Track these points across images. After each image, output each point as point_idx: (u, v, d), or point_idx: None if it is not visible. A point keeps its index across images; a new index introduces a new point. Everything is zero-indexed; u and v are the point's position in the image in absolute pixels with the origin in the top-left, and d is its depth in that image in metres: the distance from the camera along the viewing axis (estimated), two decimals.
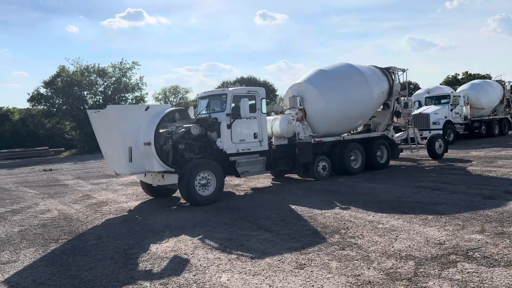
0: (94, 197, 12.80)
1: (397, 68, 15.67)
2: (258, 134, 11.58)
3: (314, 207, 8.79)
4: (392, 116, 15.63)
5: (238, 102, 11.31)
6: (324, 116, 13.15)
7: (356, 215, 7.80)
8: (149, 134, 9.56)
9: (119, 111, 9.51)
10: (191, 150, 10.70)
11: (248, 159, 11.39)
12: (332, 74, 13.68)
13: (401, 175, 12.98)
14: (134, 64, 50.23)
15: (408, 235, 6.37)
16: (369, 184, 11.42)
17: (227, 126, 11.03)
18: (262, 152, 11.81)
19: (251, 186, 12.82)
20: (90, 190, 14.51)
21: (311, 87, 13.30)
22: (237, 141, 11.22)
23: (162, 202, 11.01)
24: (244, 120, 11.27)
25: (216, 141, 10.94)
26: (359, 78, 13.93)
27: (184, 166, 10.02)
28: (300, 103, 13.29)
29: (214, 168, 10.30)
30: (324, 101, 13.06)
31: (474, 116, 26.11)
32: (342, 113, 13.37)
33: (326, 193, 10.36)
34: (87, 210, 10.60)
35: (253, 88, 11.61)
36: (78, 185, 16.30)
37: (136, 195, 12.53)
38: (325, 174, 12.96)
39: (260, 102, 11.61)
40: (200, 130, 10.74)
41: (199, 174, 10.04)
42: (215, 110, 11.69)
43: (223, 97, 11.36)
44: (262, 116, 11.67)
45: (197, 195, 9.93)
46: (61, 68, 48.20)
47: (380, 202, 8.84)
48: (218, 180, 10.30)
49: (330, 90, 13.21)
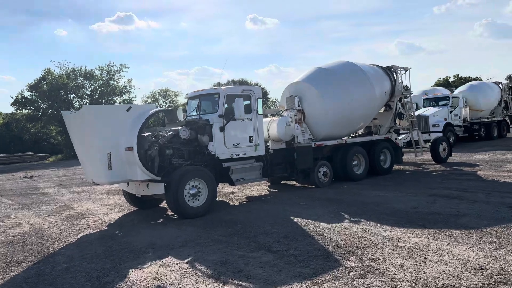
0: (73, 208, 11.59)
1: (399, 67, 14.73)
2: (254, 137, 10.49)
3: (320, 220, 7.72)
4: (395, 118, 14.68)
5: (231, 102, 10.24)
6: (325, 118, 12.13)
7: (370, 230, 6.75)
8: (132, 138, 8.42)
9: (97, 111, 8.33)
10: (179, 155, 9.58)
11: (243, 165, 10.29)
12: (333, 72, 12.68)
13: (408, 181, 11.98)
14: (122, 66, 48.91)
15: (438, 256, 5.33)
16: (377, 191, 10.39)
17: (220, 129, 9.93)
18: (258, 158, 10.73)
19: (246, 194, 11.73)
20: (69, 200, 13.29)
21: (310, 86, 12.27)
22: (231, 145, 10.13)
23: (147, 214, 9.86)
24: (239, 122, 10.19)
25: (207, 146, 9.84)
26: (361, 77, 12.95)
27: (171, 174, 8.89)
28: (299, 104, 12.25)
29: (205, 175, 9.19)
30: (325, 101, 12.04)
31: (473, 119, 25.33)
32: (343, 115, 12.35)
33: (331, 203, 9.30)
34: (62, 224, 9.41)
35: (248, 86, 10.54)
36: (57, 194, 15.05)
37: (119, 206, 11.35)
38: (326, 181, 11.92)
39: (256, 102, 10.54)
40: (190, 133, 9.64)
41: (189, 183, 8.92)
42: (206, 111, 10.59)
43: (215, 96, 10.27)
44: (258, 117, 10.60)
45: (187, 207, 8.80)
46: (47, 71, 46.69)
47: (395, 214, 7.80)
48: (210, 189, 9.19)
49: (330, 90, 12.19)
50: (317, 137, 12.35)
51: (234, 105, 9.74)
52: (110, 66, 48.58)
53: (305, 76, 12.70)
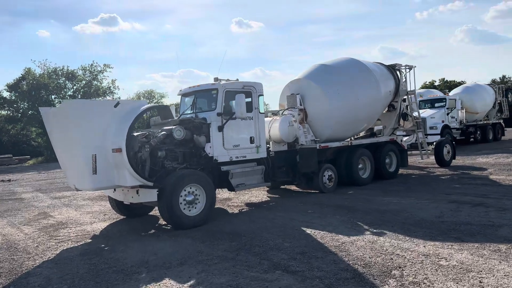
0: (52, 216, 10.43)
1: (404, 65, 13.98)
2: (255, 138, 9.53)
3: (336, 231, 6.80)
4: (399, 119, 13.89)
5: (231, 99, 9.28)
6: (329, 118, 11.24)
7: (400, 245, 5.84)
8: (120, 138, 7.37)
9: (80, 107, 7.25)
10: (173, 158, 8.56)
11: (243, 169, 9.32)
12: (337, 69, 11.81)
13: (418, 185, 11.17)
14: (106, 66, 47.49)
15: (495, 279, 4.44)
16: (389, 198, 9.53)
17: (218, 128, 8.95)
18: (259, 160, 9.77)
19: (244, 200, 10.74)
20: (48, 207, 12.10)
21: (313, 84, 11.37)
22: (230, 147, 9.14)
23: (136, 224, 8.79)
24: (239, 121, 9.23)
25: (204, 147, 8.84)
26: (366, 75, 12.12)
27: (165, 179, 7.87)
28: (301, 103, 11.35)
29: (203, 180, 8.18)
30: (329, 100, 11.16)
31: (468, 121, 24.85)
32: (349, 115, 11.49)
33: (342, 211, 8.39)
34: (39, 236, 8.28)
35: (249, 82, 9.57)
36: (36, 200, 13.81)
37: (104, 214, 10.24)
38: (331, 186, 11.01)
39: (257, 99, 9.59)
40: (185, 133, 8.63)
41: (185, 189, 7.91)
42: (203, 109, 9.60)
43: (212, 93, 9.28)
44: (259, 116, 9.65)
45: (182, 216, 7.78)
46: (27, 71, 44.92)
47: (420, 224, 6.93)
48: (208, 196, 8.19)
49: (335, 88, 11.32)
50: (320, 138, 11.46)
51: (235, 102, 8.77)
52: (94, 66, 47.17)
53: (307, 73, 11.80)
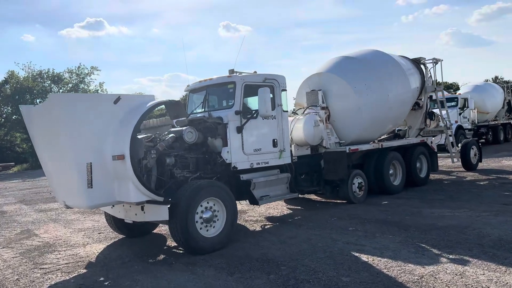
0: (37, 235, 8.84)
1: (430, 59, 12.68)
2: (279, 140, 8.08)
3: (400, 258, 5.37)
4: (425, 118, 12.57)
5: (249, 95, 7.85)
6: (356, 117, 9.85)
7: (502, 279, 4.43)
8: (122, 142, 5.85)
9: (70, 103, 5.67)
10: (184, 165, 7.08)
11: (267, 178, 7.84)
12: (362, 62, 10.43)
13: (460, 194, 9.80)
14: (93, 69, 45.75)
15: None
16: (437, 209, 8.14)
17: (237, 129, 7.48)
18: (281, 167, 8.32)
19: (262, 213, 9.27)
20: (33, 222, 10.47)
21: (337, 78, 9.98)
22: (251, 151, 7.68)
23: (140, 246, 7.26)
24: (260, 120, 7.78)
25: (221, 152, 7.37)
26: (395, 68, 10.79)
27: (177, 192, 6.37)
28: (323, 100, 9.94)
29: (222, 193, 6.70)
30: (357, 96, 9.77)
31: (479, 121, 23.74)
32: (379, 113, 10.12)
33: (391, 228, 6.97)
34: (21, 263, 6.72)
35: (270, 75, 8.10)
36: (19, 213, 12.16)
37: (99, 232, 8.69)
38: (361, 195, 9.60)
39: (280, 95, 8.14)
40: (197, 136, 7.17)
41: (201, 204, 6.43)
42: (216, 106, 8.14)
43: (229, 87, 7.81)
44: (283, 115, 8.20)
45: (199, 237, 6.29)
46: (10, 74, 42.92)
47: (502, 246, 5.54)
48: (228, 212, 6.71)
49: (363, 83, 9.93)
50: (345, 141, 10.06)
51: (258, 97, 7.31)
52: (80, 69, 45.38)
53: (330, 66, 10.40)
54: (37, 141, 6.32)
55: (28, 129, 6.42)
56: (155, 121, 9.10)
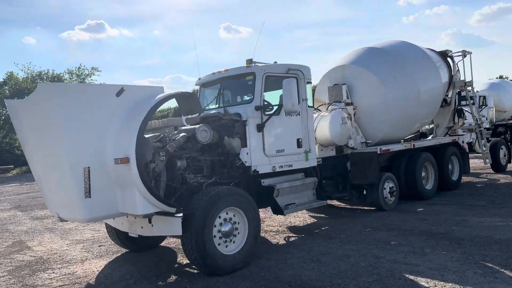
0: (30, 248, 7.84)
1: (458, 52, 11.68)
2: (304, 140, 7.08)
3: (467, 282, 4.38)
4: (454, 116, 11.56)
5: (270, 88, 6.87)
6: (385, 114, 8.85)
7: None
8: (127, 142, 4.84)
9: (63, 94, 4.63)
10: (197, 169, 6.08)
11: (291, 183, 6.82)
12: (390, 53, 9.43)
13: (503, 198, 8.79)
14: (93, 70, 44.75)
15: None
16: (485, 218, 7.15)
17: (258, 128, 6.49)
18: (306, 170, 7.32)
19: (282, 221, 8.26)
20: (27, 232, 9.47)
21: (364, 71, 8.98)
22: (273, 153, 6.68)
23: (147, 263, 6.25)
24: (282, 117, 6.79)
25: (239, 153, 6.37)
26: (425, 61, 9.80)
27: (191, 201, 5.37)
28: (348, 95, 8.95)
29: (243, 202, 5.70)
30: (386, 91, 8.77)
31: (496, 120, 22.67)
32: (409, 110, 9.13)
33: (440, 241, 5.96)
34: (8, 285, 5.72)
35: (294, 65, 7.08)
36: (12, 221, 11.16)
37: (99, 244, 7.69)
38: (393, 201, 8.59)
39: (304, 88, 7.14)
40: (212, 135, 6.17)
41: (219, 215, 5.43)
42: (232, 101, 7.15)
43: (247, 79, 6.80)
44: (308, 111, 7.20)
45: (218, 255, 5.29)
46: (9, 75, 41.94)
47: None
48: (250, 224, 5.72)
49: (391, 75, 8.94)
50: (372, 140, 9.06)
51: (283, 90, 6.29)
52: (81, 70, 44.40)
53: (354, 57, 9.40)
54: (25, 141, 5.33)
55: (15, 127, 5.43)
56: (157, 122, 8.07)
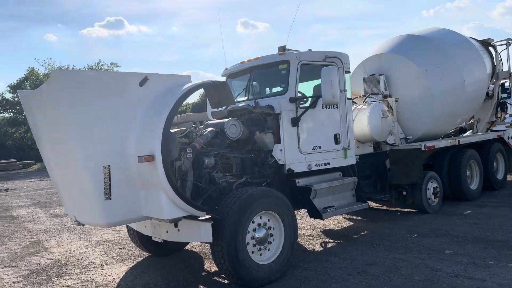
0: (48, 250, 7.41)
1: (501, 41, 10.77)
2: (342, 135, 6.41)
3: None
4: (496, 110, 10.67)
5: (306, 78, 6.22)
6: (427, 107, 8.09)
7: None
8: (152, 137, 4.27)
9: (79, 82, 4.06)
10: (225, 168, 5.50)
11: (329, 183, 6.16)
12: (433, 41, 8.62)
13: None
14: (113, 65, 44.81)
15: None
16: None
17: (292, 122, 5.85)
18: (343, 169, 6.65)
19: (314, 224, 7.62)
20: (45, 231, 9.09)
21: (404, 60, 8.22)
22: (309, 149, 6.04)
23: (171, 270, 5.71)
24: (319, 110, 6.13)
25: (272, 150, 5.74)
26: (470, 50, 8.97)
27: (222, 204, 4.78)
28: (386, 86, 8.23)
29: (280, 205, 5.08)
30: (429, 82, 8.01)
31: None
32: (453, 103, 8.35)
33: (503, 251, 5.24)
34: None
35: (332, 52, 6.40)
36: (31, 219, 10.83)
37: (120, 246, 7.20)
38: (436, 203, 7.86)
39: (343, 77, 6.46)
40: (242, 130, 5.57)
41: (253, 220, 4.83)
42: (263, 93, 6.53)
43: (281, 68, 6.16)
44: (347, 103, 6.53)
45: (252, 265, 4.69)
46: (30, 71, 42.28)
47: None
48: (287, 230, 5.10)
49: (435, 65, 8.17)
50: (412, 136, 8.33)
51: (322, 79, 5.61)
52: (100, 65, 44.47)
53: (393, 46, 8.65)
54: (39, 136, 4.82)
55: (28, 121, 4.93)
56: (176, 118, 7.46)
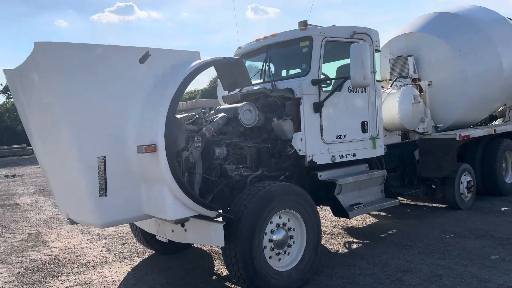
0: (46, 244, 6.87)
1: None
2: (370, 123, 5.69)
3: None
4: None
5: (331, 58, 5.50)
6: (461, 93, 7.33)
7: None
8: (154, 124, 3.62)
9: (67, 56, 3.36)
10: (239, 159, 4.83)
11: (356, 177, 5.45)
12: (468, 20, 7.78)
13: None
14: None
15: None
16: None
17: (315, 107, 5.15)
18: (370, 161, 5.94)
19: (334, 220, 6.96)
20: (46, 222, 8.58)
21: (436, 40, 7.43)
22: (333, 139, 5.34)
23: (177, 271, 5.11)
24: (345, 94, 5.42)
25: (291, 139, 5.06)
26: (506, 29, 8.10)
27: (236, 202, 4.13)
28: (415, 69, 7.45)
29: (301, 202, 4.42)
30: (464, 64, 7.23)
31: None
32: (489, 88, 7.55)
33: None
34: None
35: (361, 28, 5.64)
36: (34, 208, 10.36)
37: (123, 242, 6.63)
38: (469, 198, 7.14)
39: (373, 57, 5.69)
40: (257, 116, 4.89)
41: (271, 220, 4.18)
42: (282, 75, 5.82)
43: (302, 45, 5.41)
44: (376, 86, 5.79)
45: (270, 273, 4.05)
46: None
47: None
48: (310, 231, 4.45)
49: (469, 46, 7.37)
50: (443, 124, 7.58)
51: (351, 57, 4.84)
52: None
53: (422, 24, 7.83)
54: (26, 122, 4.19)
55: (15, 103, 4.31)
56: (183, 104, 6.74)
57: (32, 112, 3.89)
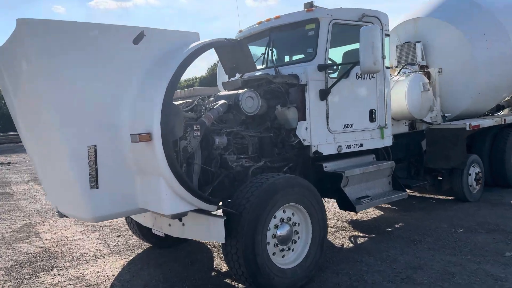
0: (39, 235, 6.61)
1: None
2: (378, 112, 5.41)
3: None
4: None
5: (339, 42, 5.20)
6: (470, 80, 7.04)
7: None
8: (149, 111, 3.33)
9: (53, 36, 3.03)
10: (240, 149, 4.55)
11: (364, 168, 5.17)
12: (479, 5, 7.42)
13: None
14: None
15: None
16: None
17: (321, 94, 4.85)
18: (376, 152, 5.67)
19: (338, 213, 6.72)
20: (39, 212, 8.30)
21: (444, 25, 7.11)
22: (339, 128, 5.06)
23: (175, 266, 4.86)
24: (352, 81, 5.12)
25: (296, 128, 4.77)
26: None
27: (237, 195, 3.86)
28: (423, 56, 7.15)
29: (306, 195, 4.15)
30: (473, 49, 6.92)
31: None
32: (500, 76, 7.26)
33: None
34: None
35: (370, 11, 5.32)
36: (27, 197, 10.08)
37: (118, 234, 6.38)
38: (478, 190, 6.89)
39: (382, 42, 5.37)
40: (260, 103, 4.59)
41: (275, 215, 3.91)
42: (286, 60, 5.50)
43: (307, 28, 5.09)
44: (386, 73, 5.49)
45: (273, 270, 3.80)
46: None
47: None
48: (315, 226, 4.18)
49: (480, 30, 7.05)
50: (451, 113, 7.30)
51: (361, 41, 4.52)
52: None
53: (432, 8, 7.49)
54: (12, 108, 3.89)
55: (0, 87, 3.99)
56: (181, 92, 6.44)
57: (17, 96, 3.59)
